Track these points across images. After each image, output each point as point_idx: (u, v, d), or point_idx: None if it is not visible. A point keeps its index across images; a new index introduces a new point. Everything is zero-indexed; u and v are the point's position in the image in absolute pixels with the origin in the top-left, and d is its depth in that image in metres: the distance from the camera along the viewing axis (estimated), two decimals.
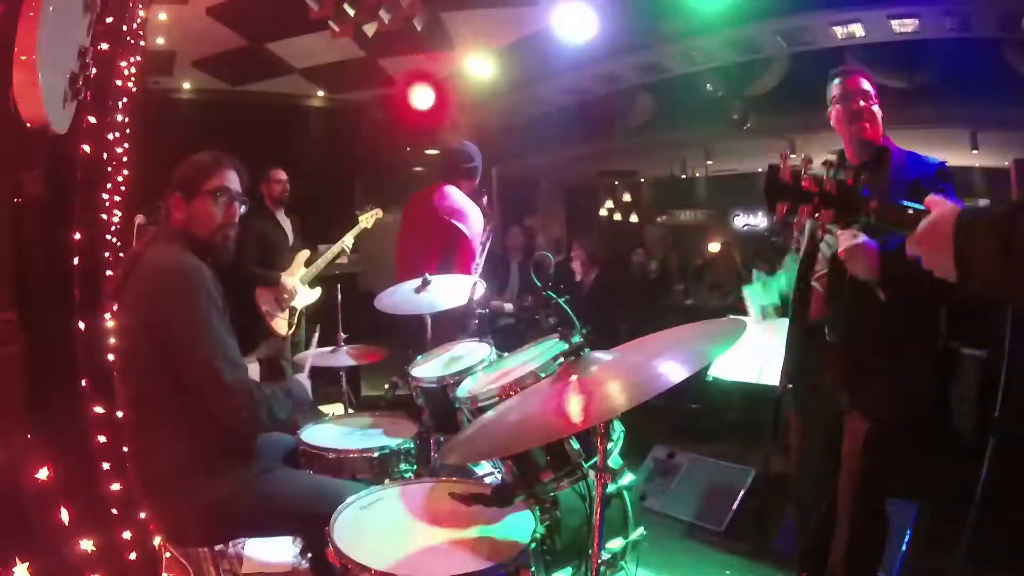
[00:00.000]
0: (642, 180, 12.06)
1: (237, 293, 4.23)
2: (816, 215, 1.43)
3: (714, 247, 9.31)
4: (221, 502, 1.85)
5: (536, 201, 10.75)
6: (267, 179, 4.63)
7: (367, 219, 4.53)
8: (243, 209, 2.08)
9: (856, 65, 2.32)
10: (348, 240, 4.54)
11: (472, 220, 3.46)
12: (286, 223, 4.69)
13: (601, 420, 1.36)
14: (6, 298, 1.95)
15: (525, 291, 5.54)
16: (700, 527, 3.53)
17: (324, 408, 4.01)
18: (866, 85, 2.25)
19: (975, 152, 6.39)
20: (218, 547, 1.90)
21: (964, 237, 1.15)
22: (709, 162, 9.79)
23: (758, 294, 2.59)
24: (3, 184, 1.97)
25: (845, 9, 4.60)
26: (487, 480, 2.07)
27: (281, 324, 4.47)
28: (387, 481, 2.02)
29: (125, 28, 2.94)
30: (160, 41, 5.10)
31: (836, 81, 2.28)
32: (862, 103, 2.22)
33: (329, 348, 2.95)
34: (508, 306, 5.13)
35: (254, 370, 4.58)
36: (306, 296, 4.54)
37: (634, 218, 12.18)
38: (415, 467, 2.32)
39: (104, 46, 2.63)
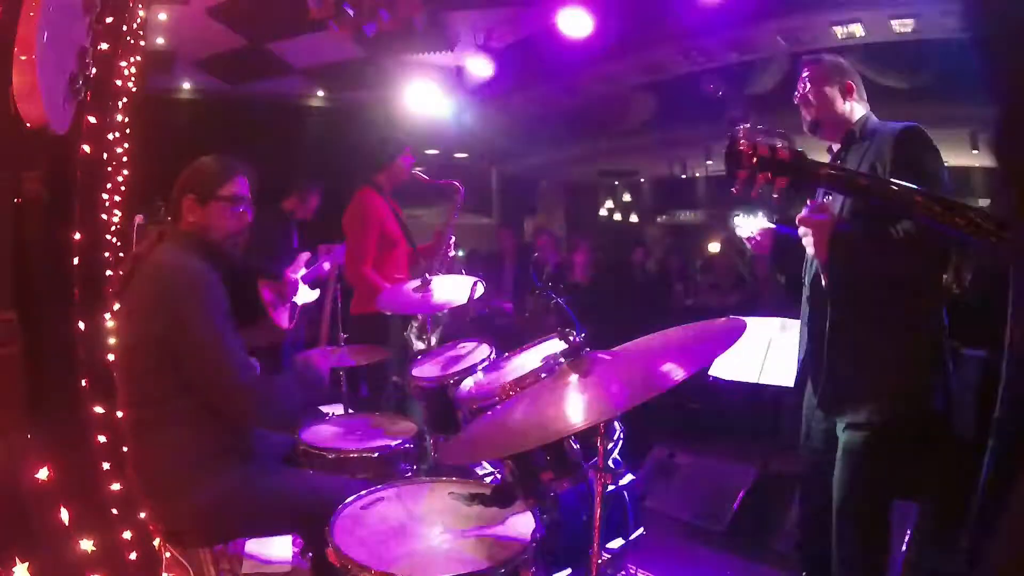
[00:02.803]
0: (642, 180, 12.06)
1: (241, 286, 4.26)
2: (772, 182, 1.55)
3: (714, 247, 9.30)
4: (221, 502, 1.85)
5: (536, 201, 10.75)
6: (303, 198, 4.75)
7: None
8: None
9: (815, 56, 2.30)
10: None
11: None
12: (291, 225, 4.75)
13: (601, 420, 1.35)
14: (6, 298, 1.95)
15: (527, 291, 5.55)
16: (700, 527, 3.52)
17: (324, 408, 4.01)
18: (804, 72, 2.20)
19: (975, 152, 6.39)
20: (218, 547, 1.90)
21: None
22: (709, 162, 9.78)
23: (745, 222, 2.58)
24: (3, 184, 1.97)
25: (845, 9, 4.61)
26: (487, 480, 2.07)
27: (283, 317, 4.50)
28: (387, 481, 2.01)
29: (125, 28, 2.94)
30: (160, 41, 5.11)
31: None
32: (796, 94, 2.21)
33: (329, 348, 2.95)
34: (507, 306, 5.14)
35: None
36: (306, 295, 4.58)
37: (634, 218, 12.18)
38: (415, 467, 2.32)
39: (104, 46, 2.63)
